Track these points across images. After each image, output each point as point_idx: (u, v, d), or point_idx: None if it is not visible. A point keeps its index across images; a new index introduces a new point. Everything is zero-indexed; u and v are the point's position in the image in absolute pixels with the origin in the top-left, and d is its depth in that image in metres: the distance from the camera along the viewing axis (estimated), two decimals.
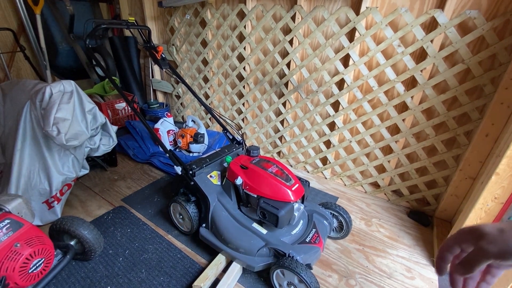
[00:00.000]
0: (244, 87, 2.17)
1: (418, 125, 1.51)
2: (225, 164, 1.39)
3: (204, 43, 2.29)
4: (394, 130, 1.64)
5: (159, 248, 1.31)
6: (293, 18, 1.74)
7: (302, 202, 1.24)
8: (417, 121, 1.52)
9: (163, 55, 1.65)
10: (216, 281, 1.12)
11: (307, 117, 1.90)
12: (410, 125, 1.56)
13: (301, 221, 1.22)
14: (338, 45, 1.65)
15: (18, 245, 0.90)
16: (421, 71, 1.41)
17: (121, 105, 2.57)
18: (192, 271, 1.20)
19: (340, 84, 1.72)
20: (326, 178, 1.99)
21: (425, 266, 1.28)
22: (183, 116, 2.76)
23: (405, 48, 1.40)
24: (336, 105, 1.79)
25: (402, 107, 1.58)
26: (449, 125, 1.42)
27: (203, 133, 2.11)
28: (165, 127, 2.17)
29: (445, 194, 1.49)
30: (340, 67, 1.64)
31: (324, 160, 2.02)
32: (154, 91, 2.90)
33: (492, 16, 1.22)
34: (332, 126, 1.87)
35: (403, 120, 1.56)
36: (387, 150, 1.69)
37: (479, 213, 1.08)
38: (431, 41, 1.34)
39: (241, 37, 2.07)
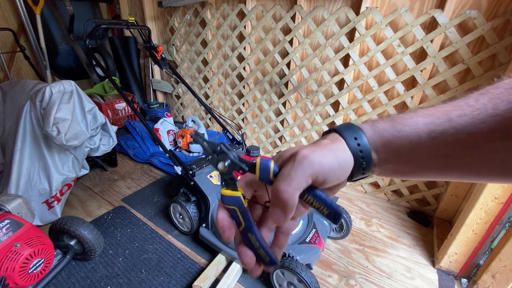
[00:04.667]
0: (244, 87, 2.17)
1: None
2: None
3: (204, 43, 2.29)
4: None
5: (159, 248, 1.31)
6: (293, 18, 1.74)
7: None
8: None
9: (163, 55, 1.66)
10: (216, 281, 1.12)
11: (307, 117, 1.90)
12: None
13: (301, 221, 1.22)
14: (338, 45, 1.65)
15: (18, 245, 0.90)
16: (421, 71, 1.41)
17: (121, 105, 2.57)
18: (192, 271, 1.20)
19: (340, 84, 1.72)
20: None
21: (425, 266, 1.28)
22: (183, 116, 2.76)
23: (405, 48, 1.40)
24: (336, 105, 1.79)
25: (402, 107, 1.58)
26: None
27: (203, 133, 2.11)
28: (165, 127, 2.17)
29: (445, 194, 1.49)
30: (340, 67, 1.64)
31: None
32: (154, 91, 2.90)
33: (492, 16, 1.22)
34: (332, 126, 1.87)
35: None
36: None
37: (479, 213, 1.08)
38: (431, 41, 1.34)
39: (241, 37, 2.06)
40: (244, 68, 2.10)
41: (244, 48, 2.03)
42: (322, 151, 0.27)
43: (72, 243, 1.15)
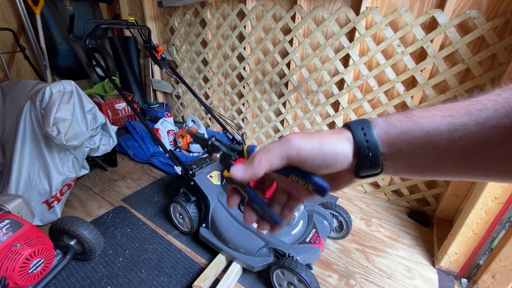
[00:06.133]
0: (244, 87, 2.17)
1: None
2: None
3: (204, 43, 2.29)
4: None
5: (159, 248, 1.31)
6: (293, 18, 1.74)
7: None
8: None
9: (163, 55, 1.65)
10: (216, 281, 1.12)
11: (307, 117, 1.90)
12: None
13: (301, 221, 1.22)
14: (338, 45, 1.65)
15: (18, 245, 0.90)
16: (421, 71, 1.41)
17: (121, 105, 2.57)
18: (192, 271, 1.20)
19: (340, 84, 1.72)
20: None
21: (425, 266, 1.28)
22: (183, 116, 2.76)
23: (405, 48, 1.40)
24: (336, 105, 1.79)
25: (402, 107, 1.57)
26: None
27: (203, 133, 2.11)
28: (165, 127, 2.17)
29: (445, 194, 1.49)
30: (340, 67, 1.64)
31: None
32: (154, 91, 2.90)
33: (492, 16, 1.22)
34: (332, 126, 1.87)
35: None
36: None
37: (479, 213, 1.08)
38: (431, 41, 1.34)
39: (241, 37, 2.06)
40: (244, 68, 2.10)
41: (244, 48, 2.03)
42: (308, 138, 0.28)
43: (72, 243, 1.15)
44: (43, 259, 0.96)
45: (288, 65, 1.88)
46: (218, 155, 0.35)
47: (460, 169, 0.25)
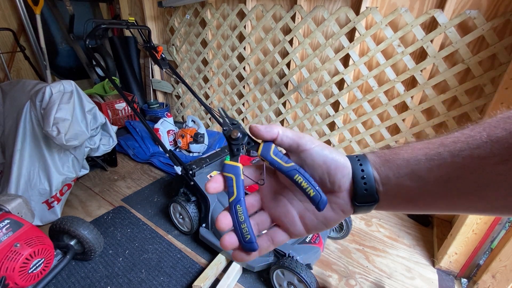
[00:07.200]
0: (244, 87, 2.17)
1: (418, 125, 1.51)
2: None
3: (204, 43, 2.29)
4: (394, 130, 1.64)
5: (159, 248, 1.31)
6: (293, 18, 1.74)
7: None
8: (417, 121, 1.52)
9: (163, 55, 1.65)
10: (216, 281, 1.12)
11: (307, 117, 1.90)
12: (410, 125, 1.56)
13: None
14: (338, 45, 1.65)
15: (18, 245, 0.90)
16: (421, 71, 1.41)
17: (121, 105, 2.57)
18: (192, 271, 1.20)
19: (340, 84, 1.72)
20: None
21: (425, 266, 1.28)
22: (183, 116, 2.76)
23: (405, 48, 1.40)
24: (336, 105, 1.79)
25: (402, 107, 1.58)
26: (449, 125, 1.42)
27: (203, 133, 2.11)
28: (165, 127, 2.17)
29: None
30: (340, 67, 1.64)
31: None
32: (154, 91, 2.90)
33: (492, 16, 1.22)
34: (332, 126, 1.87)
35: (403, 120, 1.55)
36: None
37: None
38: (431, 41, 1.34)
39: (241, 37, 2.06)
40: (244, 68, 2.10)
41: (244, 48, 2.03)
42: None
43: (72, 243, 1.15)
44: (43, 259, 0.96)
45: (288, 65, 1.88)
46: (238, 135, 0.32)
47: (449, 197, 0.25)
